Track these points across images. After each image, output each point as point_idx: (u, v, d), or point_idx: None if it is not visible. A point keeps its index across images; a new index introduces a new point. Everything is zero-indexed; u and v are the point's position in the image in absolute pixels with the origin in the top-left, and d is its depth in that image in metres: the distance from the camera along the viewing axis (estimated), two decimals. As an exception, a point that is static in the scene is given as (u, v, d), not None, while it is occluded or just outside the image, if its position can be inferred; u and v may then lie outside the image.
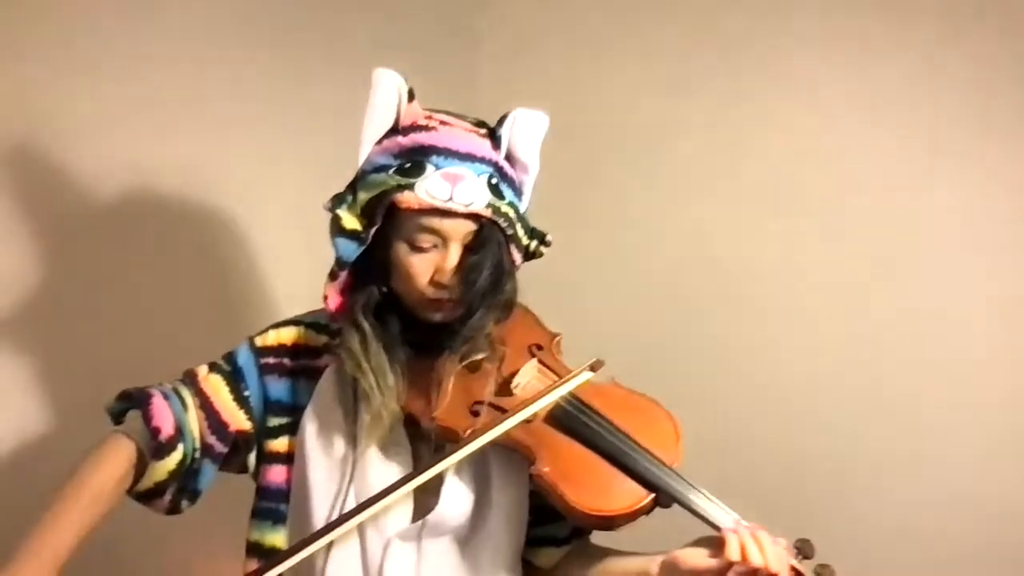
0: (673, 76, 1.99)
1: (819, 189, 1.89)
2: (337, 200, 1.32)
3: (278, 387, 1.38)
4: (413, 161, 1.28)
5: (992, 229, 1.77)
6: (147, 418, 1.28)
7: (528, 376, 1.34)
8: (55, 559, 1.19)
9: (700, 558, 1.20)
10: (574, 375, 1.33)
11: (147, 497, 1.31)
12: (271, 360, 1.38)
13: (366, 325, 1.32)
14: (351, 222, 1.30)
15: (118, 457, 1.29)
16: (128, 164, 1.67)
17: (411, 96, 1.33)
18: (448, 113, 1.36)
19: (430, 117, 1.34)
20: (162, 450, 1.28)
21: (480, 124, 1.37)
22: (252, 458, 1.38)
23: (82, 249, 1.64)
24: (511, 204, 1.32)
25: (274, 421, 1.37)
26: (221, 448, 1.34)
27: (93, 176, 1.64)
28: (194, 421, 1.32)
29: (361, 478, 1.30)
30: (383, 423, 1.30)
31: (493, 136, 1.35)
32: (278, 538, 1.35)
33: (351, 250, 1.30)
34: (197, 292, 1.78)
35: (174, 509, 1.34)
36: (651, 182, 1.99)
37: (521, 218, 1.35)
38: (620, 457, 1.27)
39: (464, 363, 1.32)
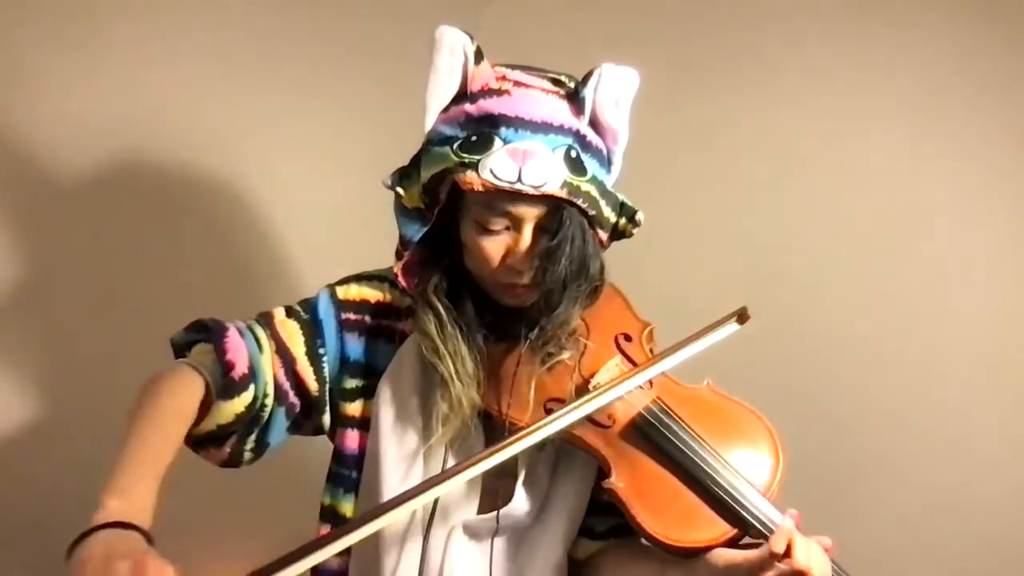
0: (676, 56, 1.87)
1: (822, 188, 1.81)
2: (399, 176, 1.18)
3: (356, 346, 1.26)
4: (480, 133, 1.11)
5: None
6: (220, 351, 1.15)
7: (608, 376, 1.20)
8: (156, 473, 1.06)
9: (740, 552, 1.11)
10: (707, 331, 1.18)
11: (206, 442, 1.18)
12: (352, 316, 1.26)
13: (440, 307, 1.20)
14: (413, 200, 1.17)
15: (192, 385, 1.14)
16: (135, 133, 1.57)
17: (479, 56, 1.14)
18: (526, 69, 1.18)
19: (503, 78, 1.15)
20: (232, 388, 1.15)
21: (560, 82, 1.17)
22: (326, 419, 1.28)
23: (92, 226, 1.55)
24: (593, 179, 1.14)
25: (350, 383, 1.27)
26: (294, 398, 1.23)
27: (96, 148, 1.54)
28: (268, 363, 1.19)
29: (433, 469, 1.21)
30: (461, 414, 1.19)
31: (576, 97, 1.15)
32: (348, 506, 1.28)
33: (414, 230, 1.18)
34: (211, 268, 1.68)
35: (233, 460, 1.22)
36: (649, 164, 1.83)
37: (606, 194, 1.17)
38: (706, 484, 1.13)
39: (546, 364, 1.19)
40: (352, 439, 1.27)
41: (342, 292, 1.27)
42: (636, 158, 1.20)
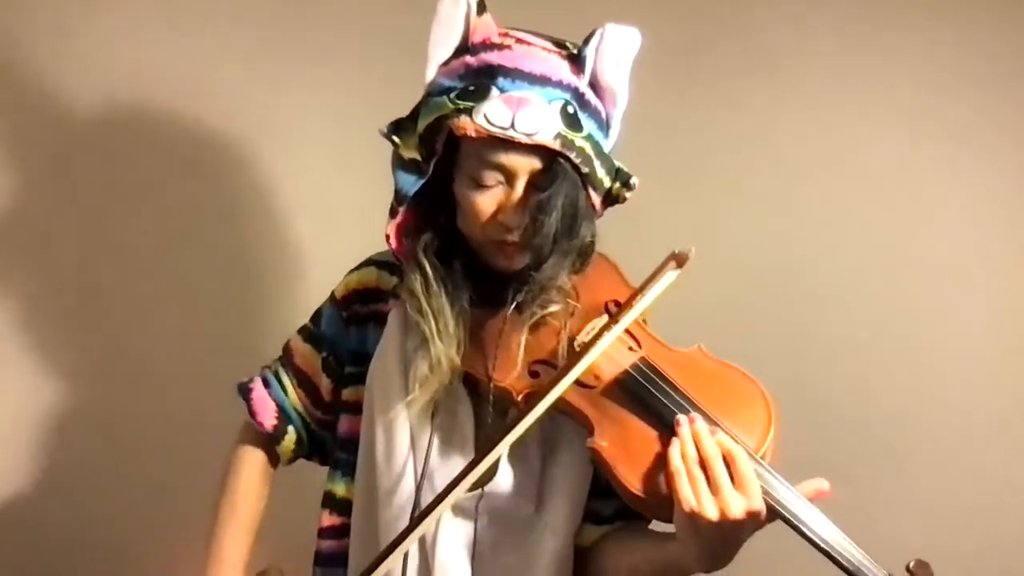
0: (678, 55, 1.85)
1: (824, 188, 1.80)
2: (396, 126, 1.19)
3: (355, 336, 1.30)
4: (478, 83, 1.12)
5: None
6: (251, 413, 1.33)
7: (590, 334, 1.16)
8: (243, 559, 1.29)
9: None
10: (651, 281, 1.13)
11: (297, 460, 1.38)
12: (350, 310, 1.31)
13: (427, 265, 1.19)
14: (409, 151, 1.17)
15: (253, 454, 1.35)
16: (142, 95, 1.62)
17: (481, 7, 1.16)
18: (532, 32, 1.19)
19: (506, 34, 1.17)
20: (273, 438, 1.33)
21: (564, 45, 1.19)
22: None
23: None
24: (589, 138, 1.14)
25: (349, 369, 1.30)
26: (327, 417, 1.33)
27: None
28: (296, 400, 1.33)
29: (420, 442, 1.21)
30: (441, 374, 1.18)
31: (578, 58, 1.16)
32: (341, 487, 1.29)
33: (410, 183, 1.17)
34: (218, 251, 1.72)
35: (328, 463, 1.35)
36: (647, 149, 1.82)
37: (602, 155, 1.17)
38: None
39: (532, 319, 1.17)
40: (346, 423, 1.30)
41: (339, 291, 1.33)
42: (636, 158, 1.20)
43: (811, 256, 1.79)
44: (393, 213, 1.20)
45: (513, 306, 1.17)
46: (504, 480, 1.19)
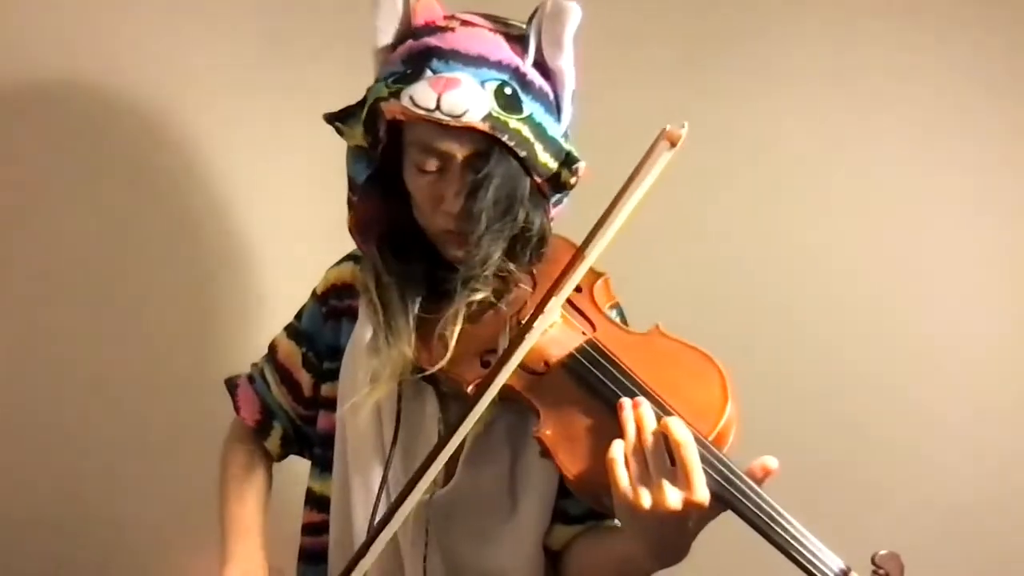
0: (679, 56, 1.84)
1: (825, 190, 1.78)
2: (344, 113, 1.18)
3: (333, 331, 1.28)
4: (415, 67, 1.10)
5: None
6: (237, 409, 1.33)
7: (549, 320, 1.10)
8: (259, 534, 1.24)
9: None
10: (643, 165, 1.09)
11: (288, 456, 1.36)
12: (329, 305, 1.29)
13: (378, 259, 1.18)
14: (355, 138, 1.17)
15: (250, 451, 1.33)
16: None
17: None
18: (486, 16, 1.16)
19: (451, 17, 1.15)
20: (260, 433, 1.32)
21: (513, 26, 1.15)
22: None
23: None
24: (528, 119, 1.09)
25: (327, 365, 1.28)
26: (311, 413, 1.31)
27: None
28: (281, 396, 1.31)
29: (387, 432, 1.19)
30: (391, 368, 1.15)
31: (522, 38, 1.13)
32: (317, 484, 1.29)
33: (360, 170, 1.17)
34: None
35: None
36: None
37: (545, 138, 1.11)
38: None
39: (467, 307, 1.14)
40: (324, 419, 1.28)
41: (319, 287, 1.31)
42: (635, 153, 1.16)
43: (810, 256, 1.76)
44: (351, 205, 1.19)
45: (461, 296, 1.14)
46: (459, 482, 1.16)
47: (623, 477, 0.95)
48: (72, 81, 1.54)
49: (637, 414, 0.98)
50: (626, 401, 1.00)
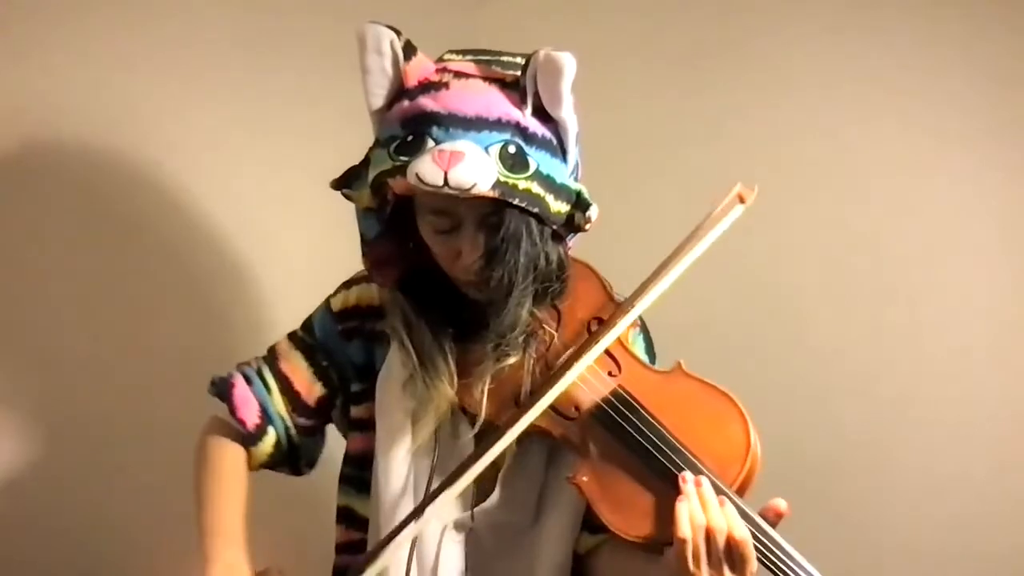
0: (677, 54, 1.85)
1: (823, 187, 1.77)
2: (349, 176, 1.17)
3: (359, 351, 1.29)
4: (415, 133, 1.09)
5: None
6: (231, 408, 1.26)
7: (583, 367, 1.14)
8: (238, 542, 1.18)
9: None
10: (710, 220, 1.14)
11: (268, 467, 1.31)
12: (349, 324, 1.29)
13: (405, 302, 1.21)
14: (364, 201, 1.16)
15: (231, 444, 1.27)
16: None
17: (409, 51, 1.11)
18: (477, 54, 1.14)
19: (443, 70, 1.12)
20: (252, 438, 1.26)
21: (509, 65, 1.13)
22: (336, 415, 1.34)
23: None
24: (536, 175, 1.08)
25: (355, 387, 1.31)
26: (312, 423, 1.30)
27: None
28: (280, 403, 1.27)
29: (423, 470, 1.23)
30: (433, 409, 1.20)
31: (518, 86, 1.10)
32: (364, 505, 1.31)
33: (371, 227, 1.18)
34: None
35: (297, 473, 1.35)
36: (640, 150, 1.85)
37: (555, 187, 1.11)
38: (668, 478, 1.07)
39: (498, 364, 1.17)
40: (358, 441, 1.32)
41: (336, 303, 1.30)
42: (637, 156, 1.13)
43: (810, 256, 1.77)
44: (364, 254, 1.21)
45: (480, 346, 1.17)
46: (497, 498, 1.21)
47: (691, 558, 1.03)
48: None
49: (702, 495, 1.04)
50: (689, 476, 1.06)
